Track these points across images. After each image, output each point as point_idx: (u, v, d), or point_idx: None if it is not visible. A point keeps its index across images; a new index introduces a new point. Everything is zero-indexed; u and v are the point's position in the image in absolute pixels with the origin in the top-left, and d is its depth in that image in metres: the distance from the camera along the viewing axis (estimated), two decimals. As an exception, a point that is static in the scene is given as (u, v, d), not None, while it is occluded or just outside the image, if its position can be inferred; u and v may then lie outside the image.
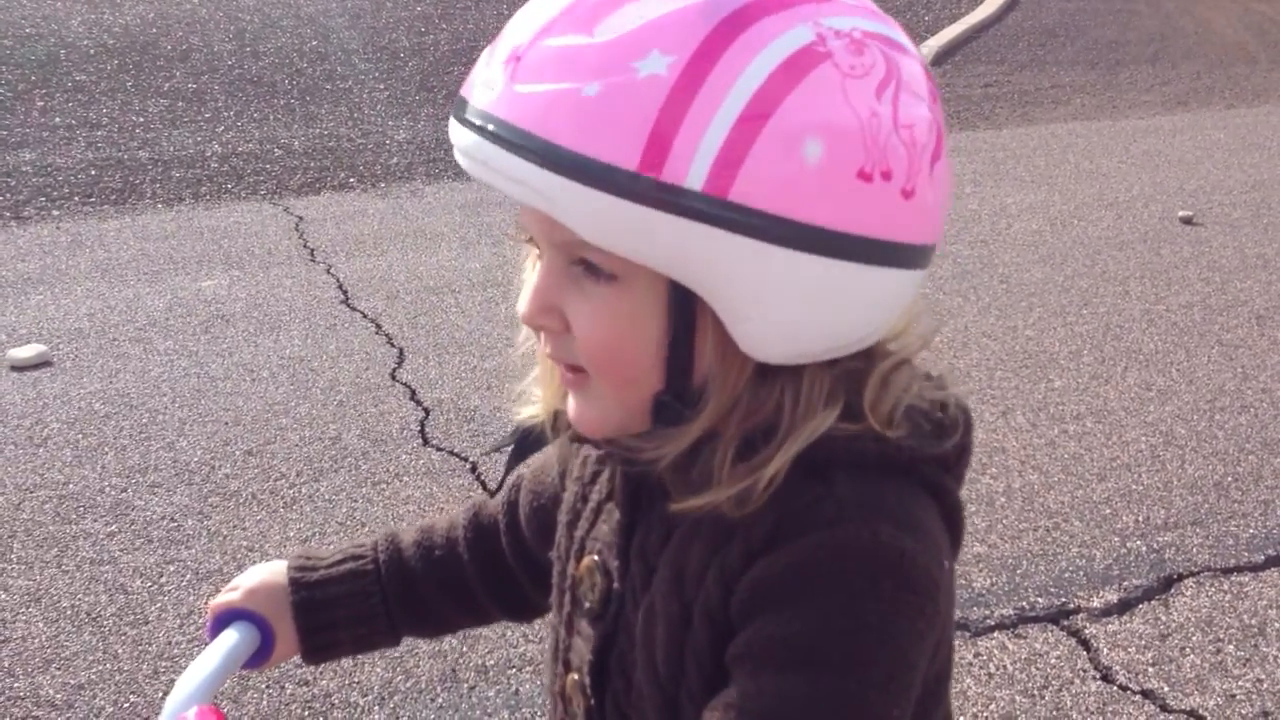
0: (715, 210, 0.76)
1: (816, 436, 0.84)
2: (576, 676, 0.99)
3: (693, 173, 0.76)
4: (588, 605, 0.98)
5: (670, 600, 0.89)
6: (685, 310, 0.82)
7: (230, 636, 1.11)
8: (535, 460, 1.15)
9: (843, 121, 0.78)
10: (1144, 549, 3.29)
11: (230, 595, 1.16)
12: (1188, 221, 6.07)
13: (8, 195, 6.23)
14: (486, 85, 0.82)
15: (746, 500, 0.84)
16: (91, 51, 8.47)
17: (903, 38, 0.85)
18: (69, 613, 3.01)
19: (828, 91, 0.78)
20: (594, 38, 0.78)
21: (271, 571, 1.18)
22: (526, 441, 1.04)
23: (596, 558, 0.98)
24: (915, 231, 0.83)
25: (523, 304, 0.88)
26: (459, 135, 0.83)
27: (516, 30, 0.82)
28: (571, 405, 0.91)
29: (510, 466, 1.08)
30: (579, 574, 1.00)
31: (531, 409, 1.01)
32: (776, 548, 0.82)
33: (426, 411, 4.01)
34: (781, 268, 0.79)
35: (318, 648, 1.17)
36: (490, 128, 0.80)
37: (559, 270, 0.85)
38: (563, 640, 1.02)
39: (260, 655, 1.14)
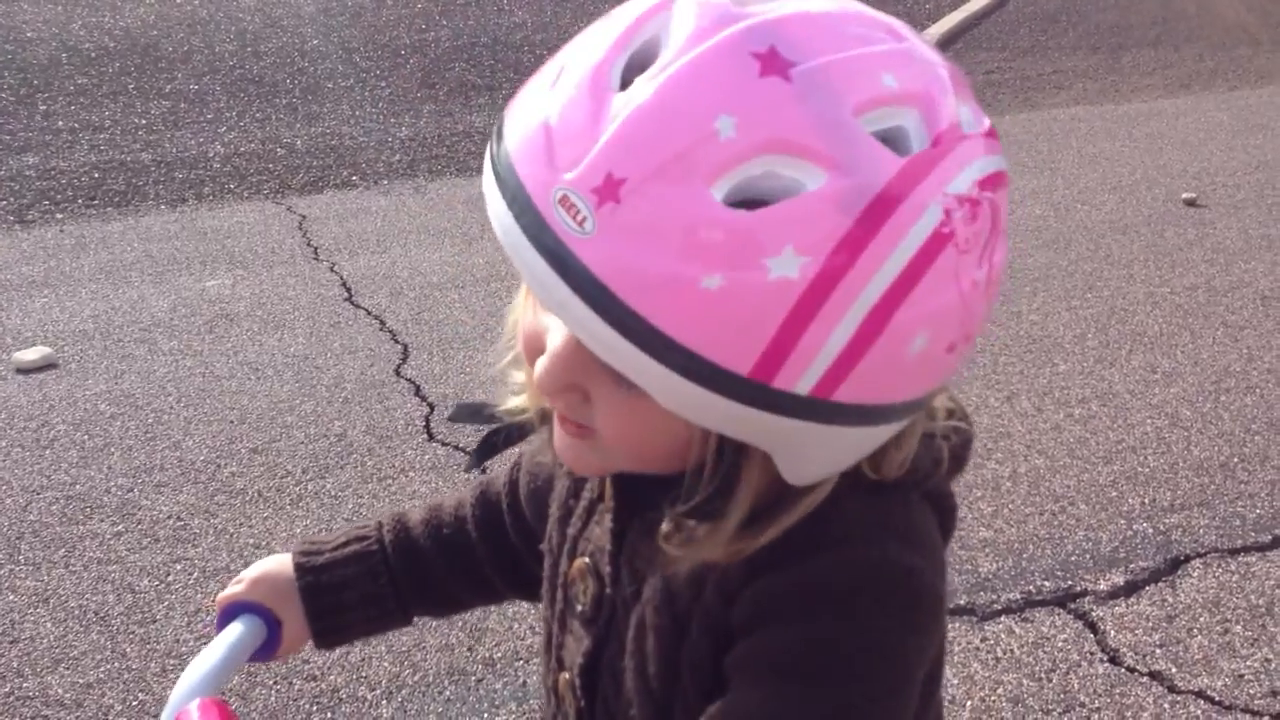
0: (815, 410, 0.73)
1: (815, 506, 0.83)
2: (568, 676, 0.99)
3: (804, 380, 0.71)
4: (580, 608, 0.98)
5: (661, 614, 0.89)
6: (736, 450, 0.79)
7: (235, 629, 1.11)
8: (534, 440, 1.11)
9: (949, 306, 0.74)
10: (1150, 531, 3.28)
11: (235, 589, 1.16)
12: (1191, 204, 6.05)
13: (11, 199, 6.24)
14: (553, 172, 0.71)
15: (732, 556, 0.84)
16: (93, 54, 8.48)
17: (999, 153, 0.79)
18: (77, 612, 3.02)
19: (944, 279, 0.73)
20: (719, 199, 0.69)
21: (277, 563, 1.18)
22: (496, 437, 1.01)
23: (588, 560, 0.97)
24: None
25: (542, 372, 0.81)
26: (511, 233, 0.73)
27: (619, 146, 0.70)
28: (565, 446, 0.87)
29: (477, 462, 1.05)
30: (571, 575, 0.99)
31: (516, 401, 0.99)
32: (783, 564, 0.82)
33: (431, 407, 4.01)
34: (855, 438, 0.78)
35: (327, 631, 1.16)
36: (570, 270, 0.69)
37: (583, 351, 0.76)
38: (555, 637, 1.02)
39: (268, 647, 1.14)
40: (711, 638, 0.86)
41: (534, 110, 0.73)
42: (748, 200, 0.69)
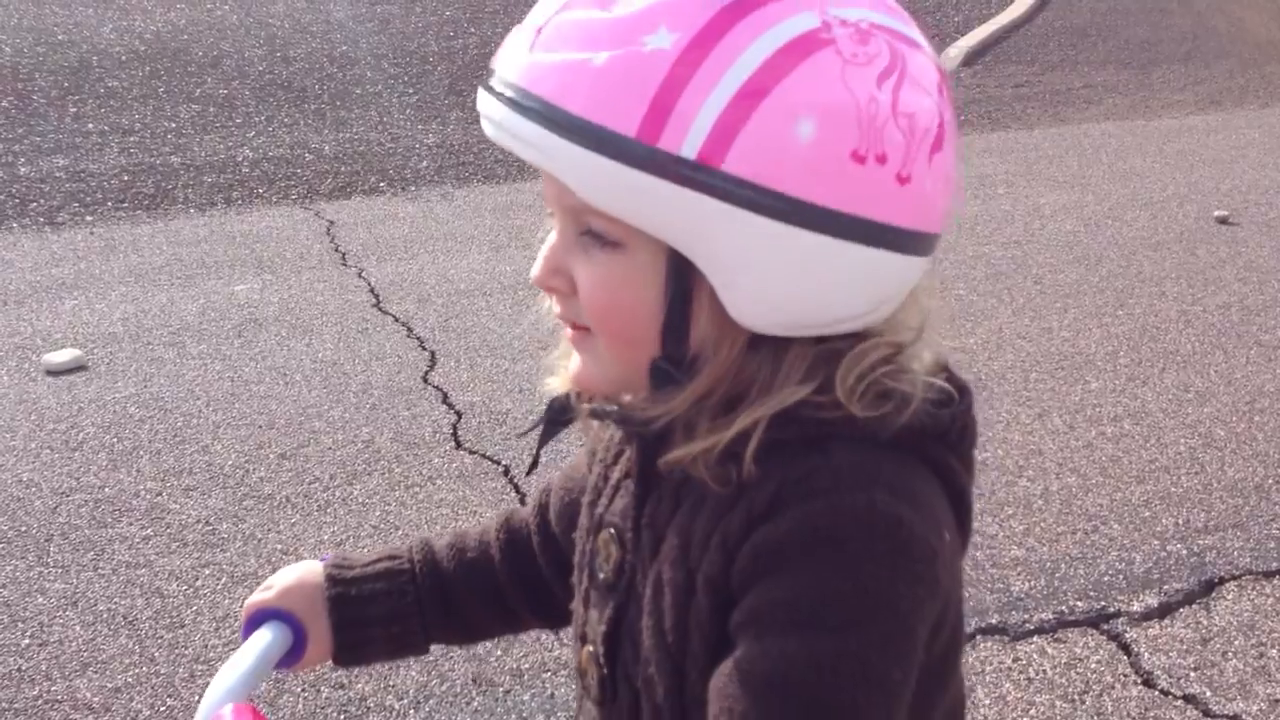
0: (706, 178, 0.80)
1: (784, 406, 0.86)
2: (591, 648, 1.01)
3: (688, 142, 0.80)
4: (602, 576, 1.00)
5: (676, 569, 0.91)
6: (683, 279, 0.86)
7: (264, 636, 1.11)
8: (566, 465, 1.19)
9: (839, 103, 0.81)
10: (1184, 552, 3.25)
11: (264, 594, 1.16)
12: (1223, 221, 6.01)
13: (42, 201, 6.27)
14: (510, 55, 0.87)
15: (723, 470, 0.87)
16: (123, 58, 8.52)
17: (914, 33, 0.88)
18: (105, 616, 3.02)
19: (826, 75, 0.81)
20: (609, 13, 0.82)
21: (306, 570, 1.18)
22: (555, 414, 1.05)
23: (612, 530, 1.00)
24: (909, 217, 0.85)
25: (535, 267, 0.93)
26: (484, 103, 0.88)
27: (541, 7, 0.87)
28: (574, 362, 0.96)
29: (543, 442, 1.08)
30: (595, 547, 1.02)
31: (556, 379, 1.04)
32: (775, 515, 0.84)
33: (459, 415, 4.01)
34: (769, 238, 0.82)
35: (349, 645, 1.17)
36: (508, 93, 0.85)
37: (570, 236, 0.89)
38: (580, 616, 1.04)
39: (292, 655, 1.14)
40: (713, 597, 0.87)
41: None
42: None
